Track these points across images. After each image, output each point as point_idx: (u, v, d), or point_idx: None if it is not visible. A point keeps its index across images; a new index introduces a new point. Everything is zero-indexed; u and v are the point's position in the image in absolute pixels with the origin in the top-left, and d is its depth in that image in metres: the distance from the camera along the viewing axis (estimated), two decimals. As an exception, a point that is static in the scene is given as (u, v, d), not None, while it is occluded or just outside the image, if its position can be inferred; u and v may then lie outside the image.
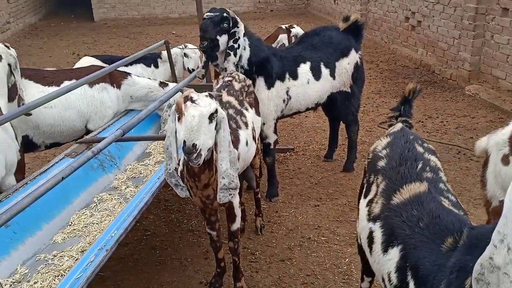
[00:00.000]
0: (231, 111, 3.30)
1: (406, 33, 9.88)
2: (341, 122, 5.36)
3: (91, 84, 4.28)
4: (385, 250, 2.05)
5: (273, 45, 6.40)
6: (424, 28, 9.13)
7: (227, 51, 4.05)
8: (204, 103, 2.51)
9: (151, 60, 5.83)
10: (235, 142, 3.11)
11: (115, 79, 4.51)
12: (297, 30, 7.03)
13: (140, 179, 3.72)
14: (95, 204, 3.35)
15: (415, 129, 6.29)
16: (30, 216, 2.86)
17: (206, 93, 2.62)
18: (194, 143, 2.41)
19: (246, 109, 3.47)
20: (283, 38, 6.81)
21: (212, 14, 3.98)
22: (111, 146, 3.91)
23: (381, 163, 2.35)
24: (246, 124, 3.34)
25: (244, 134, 3.27)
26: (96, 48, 11.64)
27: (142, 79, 4.69)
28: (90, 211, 3.24)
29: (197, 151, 2.43)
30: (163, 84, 4.74)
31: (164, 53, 5.81)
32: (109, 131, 4.08)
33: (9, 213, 1.96)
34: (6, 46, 3.87)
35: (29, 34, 13.55)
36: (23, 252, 2.71)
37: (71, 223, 3.09)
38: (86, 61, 5.38)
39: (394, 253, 1.98)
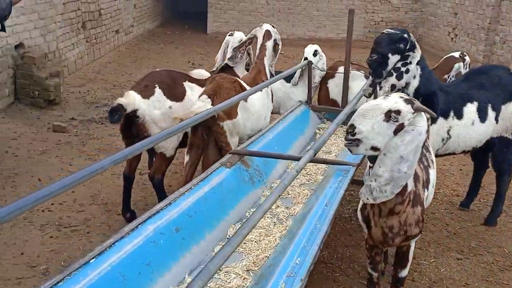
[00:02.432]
0: None
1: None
2: (486, 170, 4.90)
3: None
4: None
5: (450, 74, 6.08)
6: None
7: (391, 70, 3.82)
8: (391, 100, 2.29)
9: (290, 77, 5.73)
10: (427, 182, 2.79)
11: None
12: (468, 59, 6.63)
13: (289, 200, 3.53)
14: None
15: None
16: (196, 223, 2.75)
17: (407, 97, 2.37)
18: (353, 124, 2.26)
19: (429, 145, 3.14)
20: (460, 67, 6.42)
21: (392, 31, 3.79)
22: (259, 161, 3.79)
23: None
24: (433, 162, 3.01)
25: (433, 174, 2.95)
26: (208, 59, 11.86)
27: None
28: (245, 226, 3.06)
29: (353, 136, 2.23)
30: None
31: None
32: (257, 144, 3.97)
33: (248, 226, 1.82)
34: (273, 26, 4.89)
35: (148, 39, 14.15)
36: (190, 261, 2.57)
37: (229, 236, 2.93)
38: None
39: None
